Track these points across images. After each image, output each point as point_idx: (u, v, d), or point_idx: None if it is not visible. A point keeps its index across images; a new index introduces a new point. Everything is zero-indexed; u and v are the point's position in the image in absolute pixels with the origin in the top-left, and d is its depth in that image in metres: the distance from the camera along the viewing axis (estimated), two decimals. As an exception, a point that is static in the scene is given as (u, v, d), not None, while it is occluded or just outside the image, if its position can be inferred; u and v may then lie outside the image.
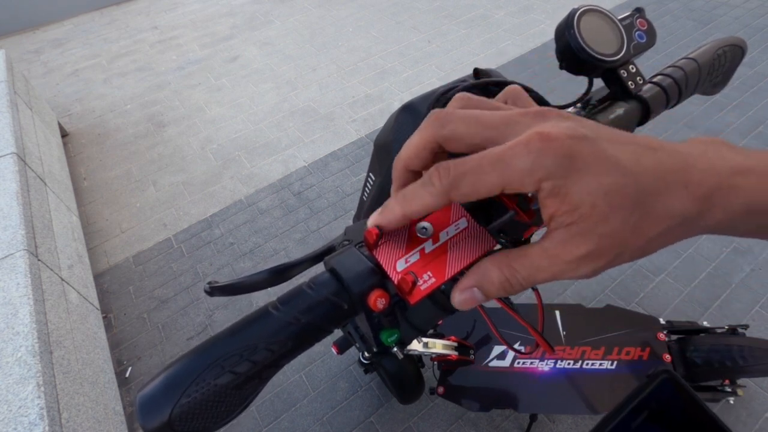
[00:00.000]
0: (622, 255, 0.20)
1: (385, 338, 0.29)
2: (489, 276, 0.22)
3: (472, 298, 0.23)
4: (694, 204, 0.19)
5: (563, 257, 0.20)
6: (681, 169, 0.19)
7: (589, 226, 0.19)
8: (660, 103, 0.48)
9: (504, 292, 0.22)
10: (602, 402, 0.90)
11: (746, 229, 0.21)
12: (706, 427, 0.26)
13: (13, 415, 0.81)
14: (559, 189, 0.19)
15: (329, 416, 1.22)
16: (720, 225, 0.20)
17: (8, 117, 1.60)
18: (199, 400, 0.22)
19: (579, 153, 0.19)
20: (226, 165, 2.06)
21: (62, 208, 1.63)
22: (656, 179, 0.19)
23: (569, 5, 2.78)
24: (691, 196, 0.19)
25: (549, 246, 0.20)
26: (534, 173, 0.19)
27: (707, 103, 2.00)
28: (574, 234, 0.19)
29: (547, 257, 0.20)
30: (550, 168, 0.18)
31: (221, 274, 1.61)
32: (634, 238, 0.19)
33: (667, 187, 0.19)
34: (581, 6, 0.43)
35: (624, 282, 1.42)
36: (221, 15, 3.36)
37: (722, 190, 0.19)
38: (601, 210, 0.18)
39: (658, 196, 0.19)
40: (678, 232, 0.20)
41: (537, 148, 0.19)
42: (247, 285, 0.29)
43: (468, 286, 0.23)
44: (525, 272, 0.21)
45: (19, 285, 1.02)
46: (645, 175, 0.19)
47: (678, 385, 0.28)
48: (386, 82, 2.43)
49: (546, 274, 0.20)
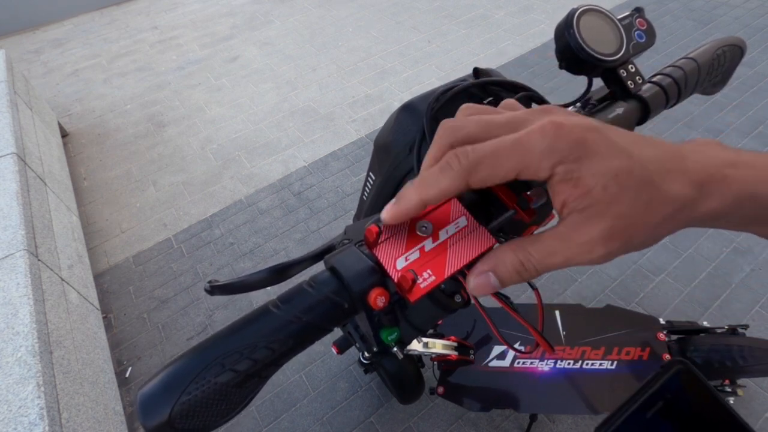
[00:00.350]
0: (634, 238, 0.20)
1: (385, 337, 0.30)
2: (503, 259, 0.22)
3: (487, 282, 0.23)
4: (692, 189, 0.20)
5: (577, 240, 0.20)
6: (678, 158, 0.21)
7: (601, 208, 0.19)
8: (659, 102, 0.48)
9: (518, 276, 0.22)
10: (602, 402, 0.90)
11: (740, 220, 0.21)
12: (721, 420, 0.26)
13: (13, 415, 0.81)
14: (572, 173, 0.20)
15: (329, 416, 1.22)
16: (715, 213, 0.21)
17: (8, 117, 1.60)
18: (199, 398, 0.22)
19: (589, 140, 0.20)
20: (226, 165, 2.06)
21: (62, 208, 1.63)
22: (658, 165, 0.20)
23: (569, 5, 2.77)
24: (689, 181, 0.20)
25: (563, 230, 0.21)
26: (550, 157, 0.20)
27: (707, 103, 2.00)
28: (587, 216, 0.20)
29: (561, 240, 0.21)
30: (564, 152, 0.19)
31: (221, 274, 1.61)
32: (647, 219, 0.20)
33: (668, 172, 0.20)
34: (581, 6, 0.43)
35: (624, 282, 1.42)
36: (221, 15, 3.36)
37: (716, 179, 0.20)
38: (612, 191, 0.19)
39: (662, 180, 0.20)
40: (679, 219, 0.20)
41: (552, 134, 0.20)
42: (247, 284, 0.29)
43: (483, 271, 0.23)
44: (539, 255, 0.21)
45: (19, 285, 1.02)
46: (649, 161, 0.20)
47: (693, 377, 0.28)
48: (386, 82, 2.43)
49: (559, 258, 0.21)
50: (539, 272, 0.22)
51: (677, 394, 0.27)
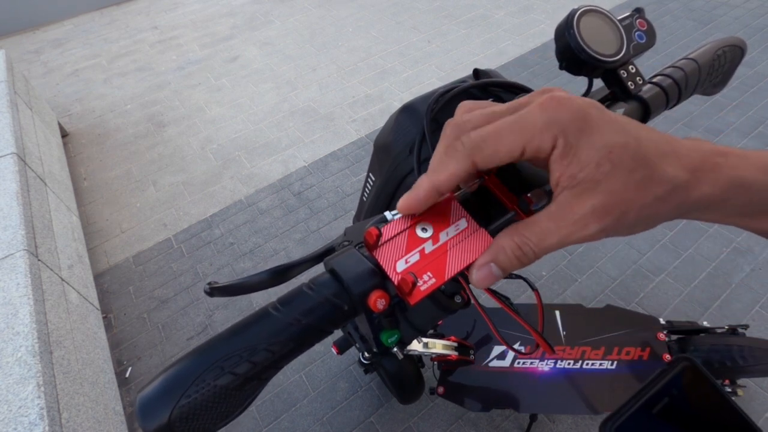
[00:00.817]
0: (627, 214, 0.20)
1: (385, 339, 0.29)
2: (501, 247, 0.23)
3: (490, 273, 0.23)
4: (685, 173, 0.20)
5: (570, 217, 0.20)
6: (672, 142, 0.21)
7: (592, 184, 0.20)
8: (660, 103, 0.48)
9: (518, 262, 0.22)
10: (602, 402, 0.90)
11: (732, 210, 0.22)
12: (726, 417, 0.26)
13: (13, 415, 0.81)
14: (571, 147, 0.20)
15: (329, 416, 1.22)
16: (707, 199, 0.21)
17: (8, 117, 1.60)
18: (199, 401, 0.22)
19: (589, 115, 0.20)
20: (226, 165, 2.06)
21: (62, 208, 1.63)
22: (654, 147, 0.20)
23: (569, 5, 2.78)
24: (682, 165, 0.20)
25: (555, 209, 0.21)
26: (551, 128, 0.20)
27: (707, 103, 2.00)
28: (578, 193, 0.20)
29: (554, 220, 0.21)
30: (565, 122, 0.20)
31: (221, 275, 1.61)
32: (639, 196, 0.20)
33: (663, 154, 0.20)
34: (581, 6, 0.43)
35: (624, 282, 1.42)
36: (221, 15, 3.36)
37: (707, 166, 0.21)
38: (604, 168, 0.20)
39: (658, 161, 0.20)
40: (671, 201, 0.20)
41: (552, 106, 0.20)
42: (247, 286, 0.29)
43: (484, 263, 0.23)
44: (535, 237, 0.21)
45: (19, 285, 1.02)
46: (646, 141, 0.20)
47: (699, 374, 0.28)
48: (386, 82, 2.43)
49: (555, 238, 0.21)
50: (537, 255, 0.22)
51: (683, 391, 0.27)
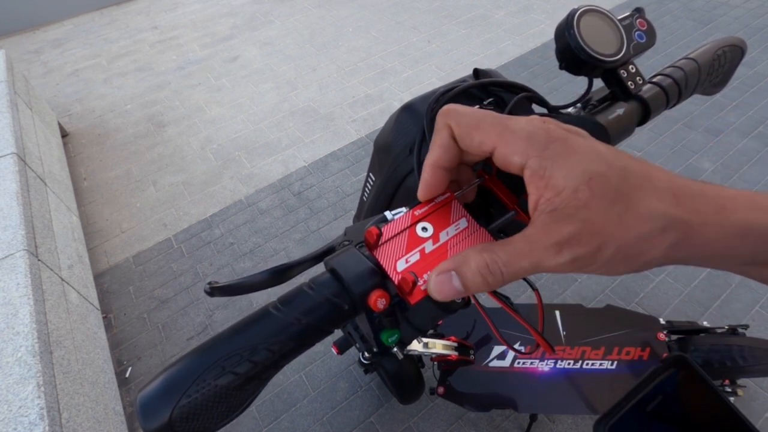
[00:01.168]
0: (604, 248, 0.19)
1: (385, 339, 0.29)
2: (467, 260, 0.21)
3: (448, 283, 0.22)
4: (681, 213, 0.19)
5: (543, 242, 0.19)
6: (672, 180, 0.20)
7: (570, 211, 0.19)
8: (660, 103, 0.48)
9: (482, 280, 0.21)
10: (602, 402, 0.90)
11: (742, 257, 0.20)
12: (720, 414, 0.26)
13: (13, 415, 0.81)
14: (544, 170, 0.19)
15: (329, 416, 1.22)
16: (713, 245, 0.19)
17: (8, 117, 1.60)
18: (199, 400, 0.22)
19: (572, 142, 0.20)
20: (226, 165, 2.06)
21: (62, 208, 1.63)
22: (644, 181, 0.19)
23: (569, 5, 2.78)
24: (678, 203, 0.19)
25: (530, 232, 0.20)
26: (526, 143, 0.20)
27: (707, 103, 2.00)
28: (555, 218, 0.19)
29: (527, 242, 0.20)
30: (541, 144, 0.20)
31: (221, 275, 1.61)
32: (619, 231, 0.19)
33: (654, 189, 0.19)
34: (581, 6, 0.43)
35: (624, 282, 1.42)
36: (221, 15, 3.36)
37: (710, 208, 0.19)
38: (583, 195, 0.19)
39: (644, 196, 0.19)
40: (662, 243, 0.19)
41: (536, 126, 0.20)
42: (247, 285, 0.29)
43: (446, 269, 0.22)
44: (505, 257, 0.20)
45: (19, 285, 1.02)
46: (629, 171, 0.19)
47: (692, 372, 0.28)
48: (386, 82, 2.43)
49: (526, 261, 0.20)
50: (506, 278, 0.21)
51: (677, 389, 0.27)
